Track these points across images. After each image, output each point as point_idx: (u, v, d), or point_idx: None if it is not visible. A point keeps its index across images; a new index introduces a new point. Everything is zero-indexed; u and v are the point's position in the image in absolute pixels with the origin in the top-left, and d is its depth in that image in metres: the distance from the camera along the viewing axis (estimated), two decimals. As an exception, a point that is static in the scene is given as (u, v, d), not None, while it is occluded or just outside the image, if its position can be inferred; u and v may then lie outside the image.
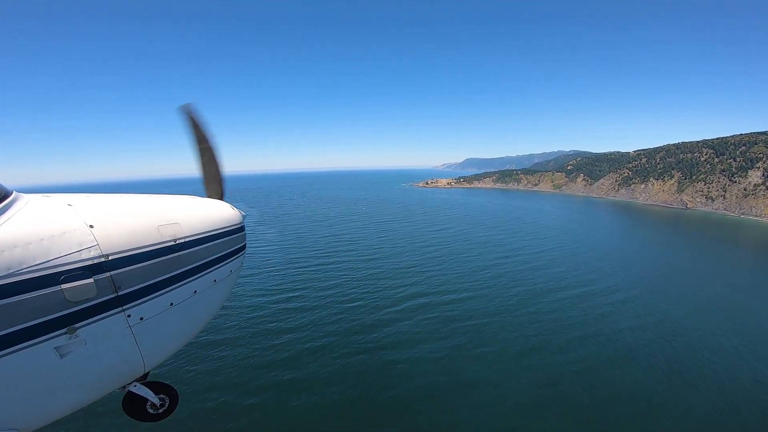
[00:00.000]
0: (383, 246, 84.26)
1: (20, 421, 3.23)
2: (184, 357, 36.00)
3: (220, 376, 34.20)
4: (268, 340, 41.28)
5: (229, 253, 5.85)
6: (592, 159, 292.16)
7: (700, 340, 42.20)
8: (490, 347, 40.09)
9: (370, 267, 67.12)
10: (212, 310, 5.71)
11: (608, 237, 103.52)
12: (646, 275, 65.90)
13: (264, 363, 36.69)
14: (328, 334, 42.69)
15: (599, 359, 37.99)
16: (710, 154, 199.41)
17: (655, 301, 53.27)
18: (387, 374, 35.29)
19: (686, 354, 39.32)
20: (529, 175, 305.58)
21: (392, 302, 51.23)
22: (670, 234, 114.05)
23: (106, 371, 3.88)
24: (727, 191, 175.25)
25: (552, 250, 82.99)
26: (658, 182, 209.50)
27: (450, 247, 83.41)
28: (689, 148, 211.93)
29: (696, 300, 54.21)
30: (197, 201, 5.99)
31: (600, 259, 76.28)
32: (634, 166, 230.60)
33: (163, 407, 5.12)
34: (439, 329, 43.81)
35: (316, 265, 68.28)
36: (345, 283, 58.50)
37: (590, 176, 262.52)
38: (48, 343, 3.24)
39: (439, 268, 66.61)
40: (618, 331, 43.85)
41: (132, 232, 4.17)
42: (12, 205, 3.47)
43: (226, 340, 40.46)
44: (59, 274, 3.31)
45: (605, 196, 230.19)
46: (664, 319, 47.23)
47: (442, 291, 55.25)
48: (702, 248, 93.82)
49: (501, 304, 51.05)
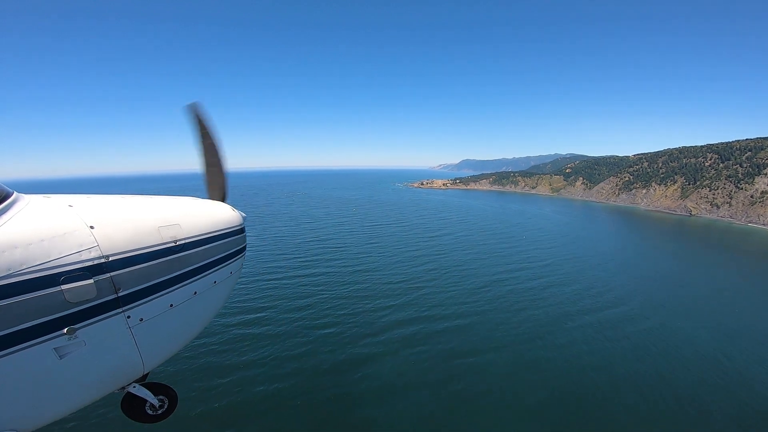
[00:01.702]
0: (370, 254, 74.65)
1: (20, 421, 3.23)
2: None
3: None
4: (212, 378, 32.05)
5: (229, 255, 5.80)
6: (591, 162, 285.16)
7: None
8: (497, 397, 31.20)
9: (353, 281, 57.85)
10: (212, 311, 5.70)
11: (619, 247, 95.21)
12: (667, 296, 57.46)
13: (192, 416, 27.37)
14: (290, 373, 33.56)
15: (651, 415, 29.22)
16: (715, 159, 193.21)
17: (686, 328, 44.80)
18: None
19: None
20: (526, 178, 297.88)
21: (375, 329, 42.00)
22: (682, 245, 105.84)
23: (106, 372, 3.87)
24: (732, 198, 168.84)
25: (560, 263, 74.28)
26: (661, 187, 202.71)
27: (445, 258, 73.88)
28: (693, 153, 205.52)
29: (732, 326, 45.77)
30: (198, 202, 6.00)
31: (614, 274, 67.68)
32: (636, 170, 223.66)
33: (162, 408, 5.09)
34: (431, 370, 34.74)
35: (291, 277, 58.74)
36: (320, 303, 49.16)
37: (589, 180, 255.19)
38: (48, 344, 3.23)
39: (433, 284, 57.41)
40: (659, 377, 35.01)
41: (132, 233, 4.15)
42: (12, 205, 3.48)
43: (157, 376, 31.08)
44: (59, 275, 3.30)
45: (605, 200, 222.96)
46: (707, 354, 38.70)
47: (435, 316, 45.99)
48: (726, 263, 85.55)
49: (508, 334, 42.04)
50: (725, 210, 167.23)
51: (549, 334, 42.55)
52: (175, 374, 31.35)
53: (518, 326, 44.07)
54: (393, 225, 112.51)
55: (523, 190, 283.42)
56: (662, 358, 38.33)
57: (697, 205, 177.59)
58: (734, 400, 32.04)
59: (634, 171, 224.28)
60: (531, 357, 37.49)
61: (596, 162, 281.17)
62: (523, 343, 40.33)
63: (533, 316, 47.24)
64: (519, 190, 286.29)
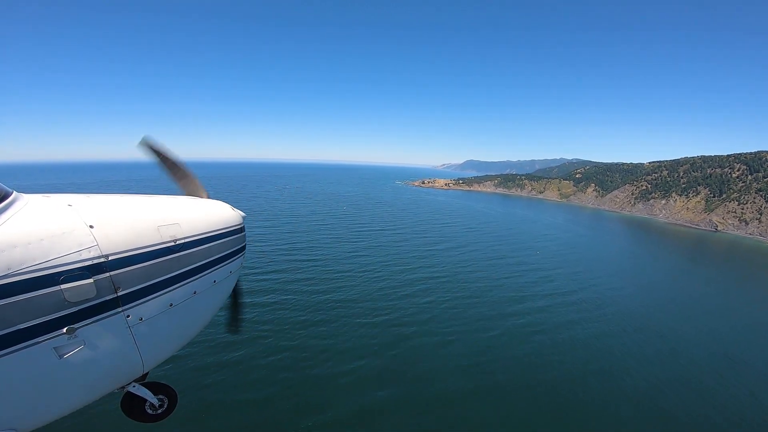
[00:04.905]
0: (349, 273, 57.01)
1: (19, 421, 3.20)
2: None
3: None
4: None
5: (228, 254, 5.76)
6: (603, 168, 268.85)
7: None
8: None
9: (315, 314, 42.09)
10: (212, 310, 5.65)
11: (648, 269, 79.53)
12: (729, 338, 41.84)
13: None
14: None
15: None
16: (743, 170, 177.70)
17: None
18: None
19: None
20: (533, 182, 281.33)
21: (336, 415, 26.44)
22: (726, 269, 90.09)
23: (105, 372, 3.85)
24: (762, 214, 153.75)
25: (585, 288, 58.51)
26: (682, 198, 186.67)
27: (444, 283, 56.26)
28: (718, 162, 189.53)
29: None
30: (197, 202, 6.01)
31: (655, 310, 51.96)
32: (654, 179, 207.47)
33: (162, 408, 5.05)
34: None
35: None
36: (260, 352, 33.51)
37: (601, 187, 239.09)
38: (47, 344, 3.22)
39: (426, 328, 40.78)
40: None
41: (132, 232, 4.12)
42: (12, 205, 3.46)
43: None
44: (59, 275, 3.28)
45: (619, 209, 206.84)
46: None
47: (426, 396, 30.14)
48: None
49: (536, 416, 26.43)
50: (754, 226, 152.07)
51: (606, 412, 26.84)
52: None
53: (553, 407, 28.33)
54: (385, 230, 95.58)
55: (529, 194, 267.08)
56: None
57: (724, 220, 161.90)
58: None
59: (651, 179, 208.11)
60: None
61: (608, 168, 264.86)
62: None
63: (566, 385, 31.44)
64: (525, 194, 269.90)
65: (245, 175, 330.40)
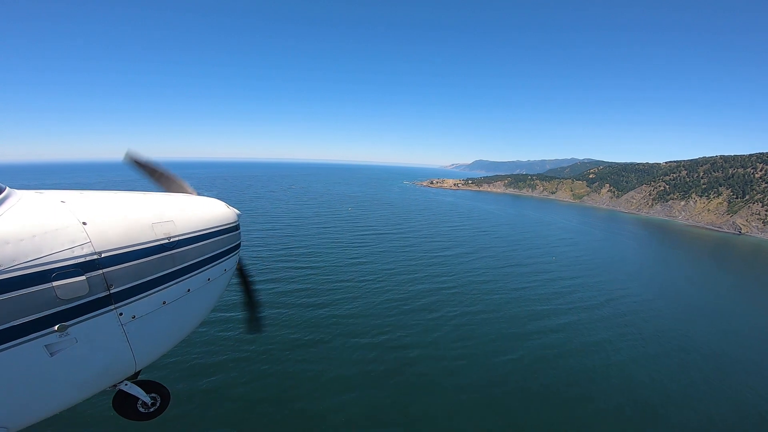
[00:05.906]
0: (349, 283, 52.19)
1: (9, 419, 3.18)
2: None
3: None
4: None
5: (223, 252, 5.64)
6: (617, 168, 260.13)
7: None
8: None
9: (313, 330, 37.26)
10: (205, 308, 5.53)
11: (679, 278, 73.24)
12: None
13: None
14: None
15: None
16: (766, 170, 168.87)
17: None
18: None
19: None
20: (545, 182, 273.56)
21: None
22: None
23: (97, 370, 3.79)
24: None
25: (613, 300, 52.75)
26: (702, 200, 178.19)
27: (453, 295, 50.90)
28: (740, 162, 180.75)
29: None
30: (192, 199, 5.85)
31: (696, 327, 46.14)
32: (672, 179, 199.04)
33: (155, 406, 5.01)
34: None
35: (214, 322, 38.08)
36: (237, 378, 28.81)
37: (616, 187, 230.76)
38: (38, 341, 3.17)
39: (431, 348, 35.86)
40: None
41: (125, 229, 4.05)
42: (4, 201, 3.40)
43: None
44: (51, 271, 3.23)
45: (636, 211, 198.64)
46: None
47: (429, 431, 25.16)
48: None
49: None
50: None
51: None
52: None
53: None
54: (391, 235, 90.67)
55: (541, 195, 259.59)
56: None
57: (747, 223, 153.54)
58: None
59: (669, 180, 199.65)
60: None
61: (623, 168, 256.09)
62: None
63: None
64: (537, 194, 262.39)
65: (251, 175, 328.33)
